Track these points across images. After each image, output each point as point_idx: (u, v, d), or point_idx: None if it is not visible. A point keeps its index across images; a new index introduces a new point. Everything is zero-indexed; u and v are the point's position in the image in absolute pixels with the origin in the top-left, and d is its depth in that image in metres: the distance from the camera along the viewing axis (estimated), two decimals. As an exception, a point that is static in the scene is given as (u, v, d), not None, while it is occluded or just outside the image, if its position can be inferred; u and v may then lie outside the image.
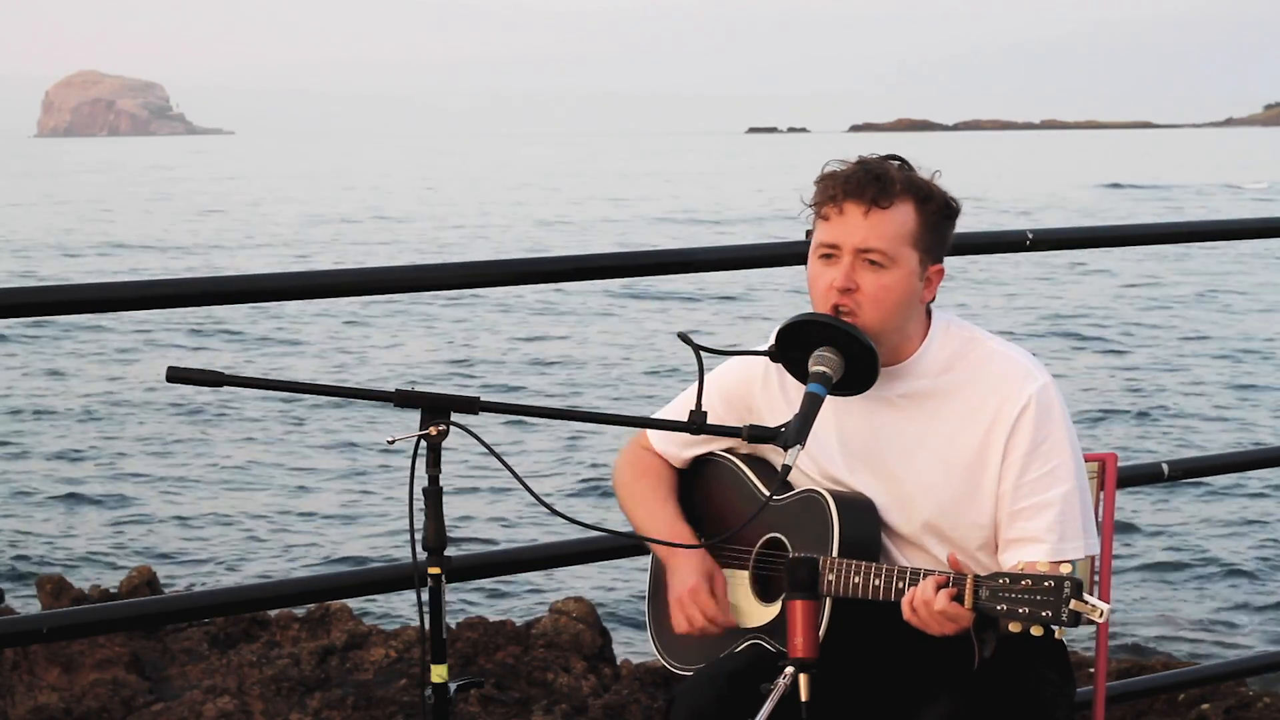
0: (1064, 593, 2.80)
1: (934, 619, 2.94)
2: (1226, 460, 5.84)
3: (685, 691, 3.17)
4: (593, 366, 21.57)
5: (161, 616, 5.17)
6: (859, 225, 3.06)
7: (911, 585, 2.96)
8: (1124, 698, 5.44)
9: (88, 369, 21.51)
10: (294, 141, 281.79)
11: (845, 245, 3.07)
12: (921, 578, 2.96)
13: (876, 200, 3.06)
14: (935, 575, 2.96)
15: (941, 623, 2.94)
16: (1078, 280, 30.64)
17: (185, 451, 16.19)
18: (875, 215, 3.06)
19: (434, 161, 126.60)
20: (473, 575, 4.33)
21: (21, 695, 7.02)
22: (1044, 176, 79.09)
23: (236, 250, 40.34)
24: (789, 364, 3.09)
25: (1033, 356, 3.19)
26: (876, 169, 3.09)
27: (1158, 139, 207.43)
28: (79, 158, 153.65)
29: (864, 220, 3.06)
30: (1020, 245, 4.47)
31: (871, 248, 3.06)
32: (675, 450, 3.38)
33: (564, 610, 7.45)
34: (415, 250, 39.64)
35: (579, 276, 4.20)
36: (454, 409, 2.88)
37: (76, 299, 3.74)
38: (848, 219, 3.07)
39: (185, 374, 2.90)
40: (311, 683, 6.85)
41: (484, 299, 27.80)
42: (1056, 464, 3.10)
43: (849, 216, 3.07)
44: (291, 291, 4.13)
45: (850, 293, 3.06)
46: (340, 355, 22.91)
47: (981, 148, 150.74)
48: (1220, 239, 5.19)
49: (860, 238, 3.06)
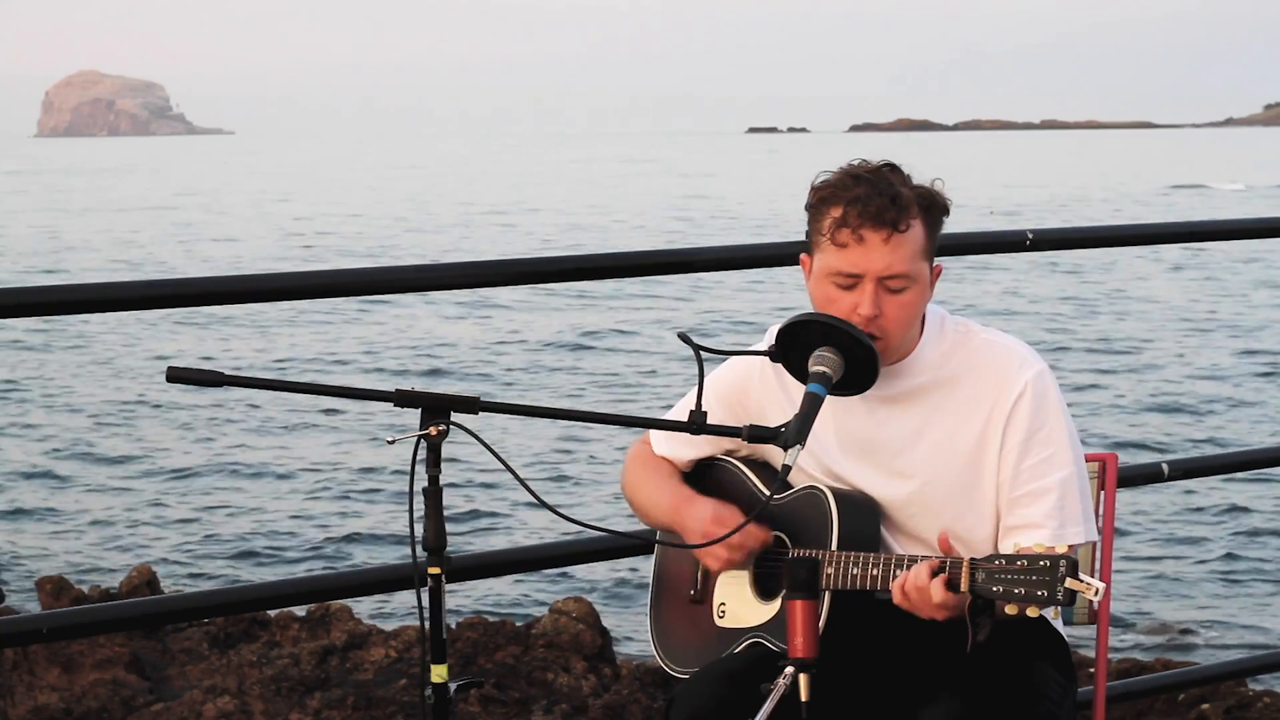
0: (1059, 571, 2.80)
1: (925, 603, 2.95)
2: (1226, 460, 5.84)
3: (684, 692, 3.16)
4: (592, 367, 21.57)
5: (161, 616, 5.17)
6: (881, 253, 3.02)
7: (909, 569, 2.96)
8: (1124, 698, 5.43)
9: (88, 368, 21.51)
10: (294, 141, 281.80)
11: (869, 274, 3.04)
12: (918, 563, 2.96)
13: (896, 225, 3.02)
14: (929, 560, 2.97)
15: (933, 608, 2.95)
16: (1080, 279, 30.65)
17: (185, 451, 16.18)
18: (896, 240, 3.03)
19: (434, 161, 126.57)
20: (473, 575, 4.33)
21: (21, 695, 7.02)
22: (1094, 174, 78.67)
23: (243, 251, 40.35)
24: (789, 364, 3.09)
25: (1028, 345, 3.19)
26: (889, 190, 3.03)
27: (1158, 139, 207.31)
28: (80, 159, 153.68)
29: (884, 246, 3.02)
30: (1020, 245, 4.47)
31: (897, 274, 3.04)
32: (677, 453, 3.39)
33: (564, 610, 7.45)
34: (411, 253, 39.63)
35: (579, 276, 4.20)
36: (454, 409, 2.88)
37: (77, 299, 3.74)
38: (869, 247, 3.02)
39: (185, 374, 2.90)
40: (311, 683, 6.85)
41: (484, 299, 27.79)
42: (1054, 450, 3.10)
43: (870, 245, 3.02)
44: (291, 291, 4.13)
45: (876, 319, 3.05)
46: (340, 355, 22.90)
47: (981, 148, 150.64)
48: (1220, 239, 5.19)
49: (884, 265, 3.03)
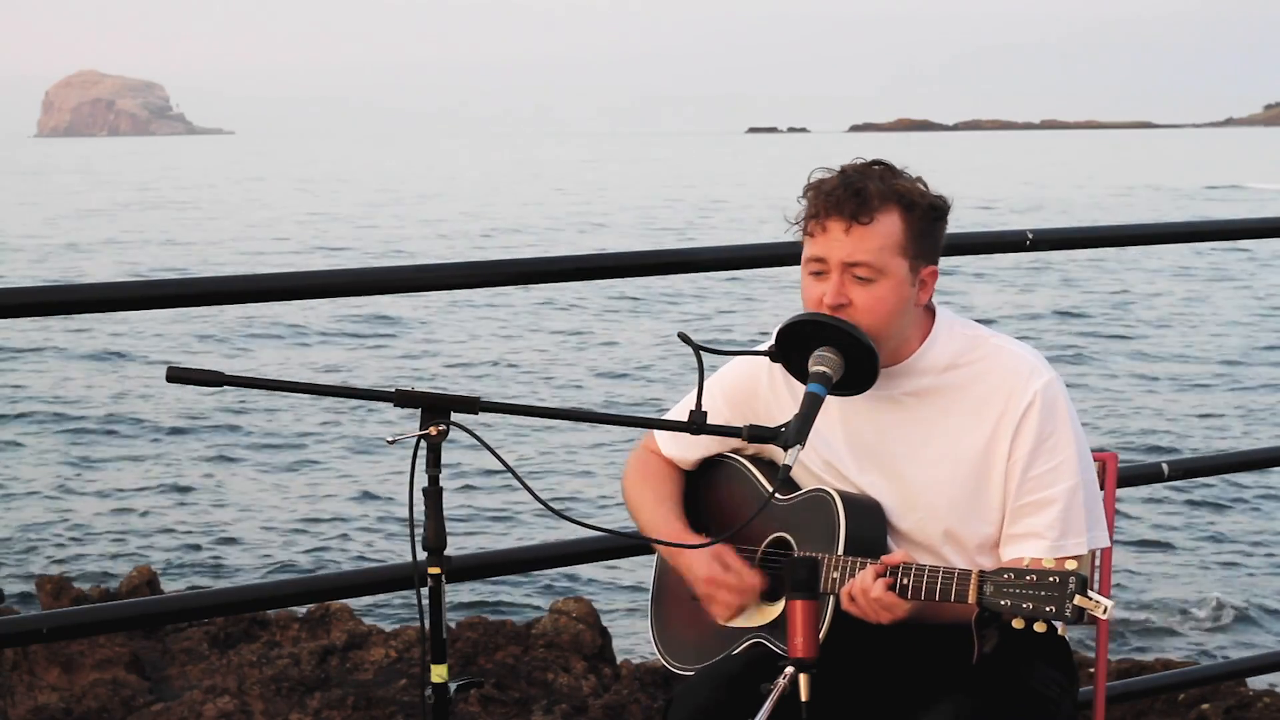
0: (1068, 588, 2.81)
1: (870, 607, 2.98)
2: (1226, 460, 5.85)
3: (684, 692, 3.17)
4: (592, 367, 21.57)
5: (161, 616, 5.17)
6: (842, 242, 3.06)
7: (916, 580, 2.97)
8: (1124, 698, 5.44)
9: (87, 368, 21.51)
10: (295, 141, 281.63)
11: (832, 261, 3.08)
12: (925, 573, 2.96)
13: (856, 216, 3.05)
14: (874, 565, 2.99)
15: (878, 611, 2.97)
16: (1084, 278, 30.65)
17: (185, 451, 16.18)
18: (857, 230, 3.06)
19: (433, 161, 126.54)
20: (473, 575, 4.32)
21: (21, 695, 7.02)
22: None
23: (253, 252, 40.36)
24: (789, 364, 3.09)
25: (1037, 353, 3.19)
26: (856, 183, 3.07)
27: (1158, 139, 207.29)
28: (80, 158, 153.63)
29: (846, 236, 3.06)
30: (1020, 245, 4.47)
31: (858, 261, 3.06)
32: (681, 453, 3.39)
33: (564, 610, 7.44)
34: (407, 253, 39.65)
35: (579, 276, 4.19)
36: (454, 409, 2.88)
37: (77, 299, 3.74)
38: (831, 236, 3.07)
39: (185, 374, 2.89)
40: (311, 683, 6.85)
41: (484, 299, 27.80)
42: (1061, 460, 3.10)
43: (832, 233, 3.07)
44: (291, 291, 4.12)
45: (843, 308, 3.06)
46: (341, 355, 22.90)
47: (981, 148, 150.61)
48: (1220, 239, 5.19)
49: (845, 253, 3.06)
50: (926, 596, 2.95)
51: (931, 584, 2.95)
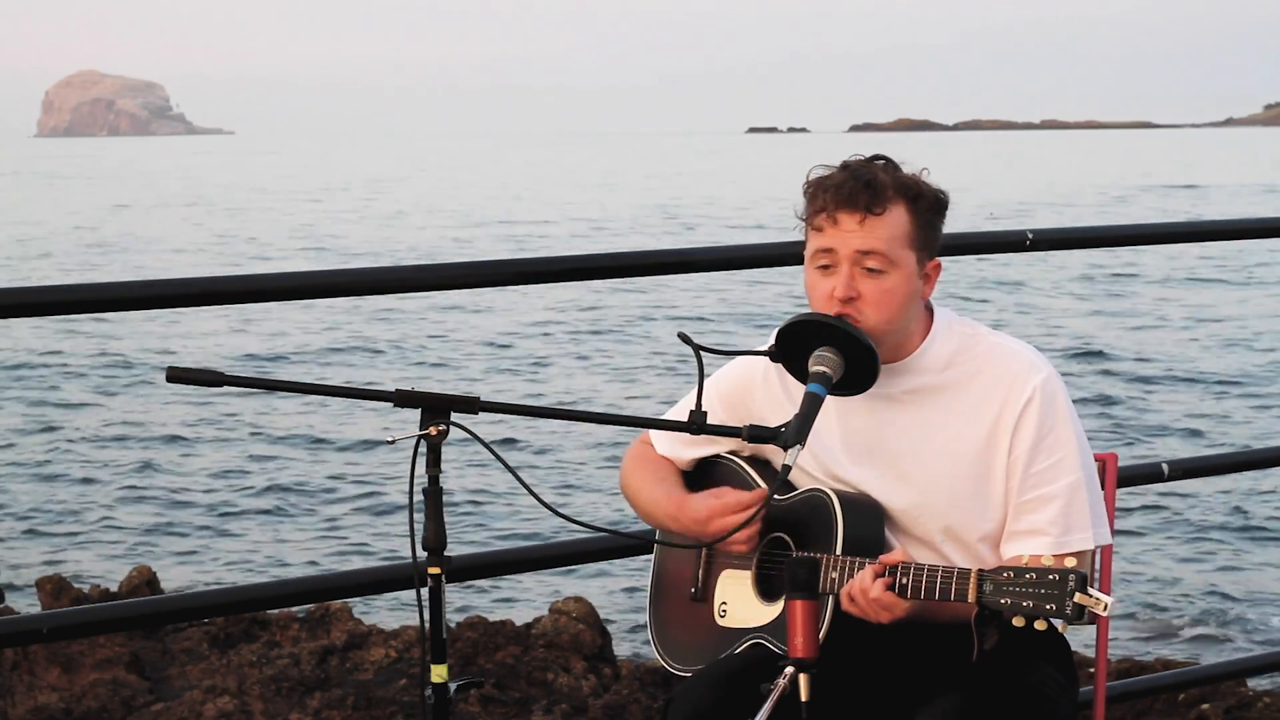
0: (1068, 585, 2.81)
1: (870, 607, 2.98)
2: (1226, 460, 5.84)
3: (684, 692, 3.16)
4: (592, 366, 21.57)
5: (161, 616, 5.17)
6: (855, 233, 3.06)
7: (916, 579, 2.97)
8: (1124, 698, 5.44)
9: (87, 368, 21.50)
10: (294, 141, 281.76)
11: (842, 254, 3.07)
12: (925, 572, 2.96)
13: (870, 208, 3.05)
14: (873, 565, 2.99)
15: (877, 611, 2.98)
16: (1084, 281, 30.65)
17: (185, 451, 16.18)
18: (870, 222, 3.06)
19: (433, 161, 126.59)
20: (473, 575, 4.33)
21: (21, 695, 7.02)
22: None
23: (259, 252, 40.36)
24: (789, 364, 3.09)
25: (1036, 350, 3.20)
26: (865, 175, 3.07)
27: (1158, 139, 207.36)
28: (80, 158, 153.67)
29: (859, 228, 3.06)
30: (1020, 245, 4.47)
31: (871, 250, 3.06)
32: (678, 452, 3.39)
33: (564, 610, 7.44)
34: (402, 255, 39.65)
35: (579, 276, 4.20)
36: (454, 409, 2.88)
37: (76, 299, 3.74)
38: (842, 228, 3.07)
39: (185, 374, 2.90)
40: (311, 683, 6.85)
41: (483, 299, 27.79)
42: (1061, 456, 3.11)
43: (843, 226, 3.07)
44: (291, 291, 4.12)
45: (853, 301, 3.06)
46: (341, 354, 22.90)
47: (981, 148, 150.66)
48: (1220, 239, 5.19)
49: (858, 244, 3.06)
50: (926, 595, 2.96)
51: (931, 583, 2.95)
